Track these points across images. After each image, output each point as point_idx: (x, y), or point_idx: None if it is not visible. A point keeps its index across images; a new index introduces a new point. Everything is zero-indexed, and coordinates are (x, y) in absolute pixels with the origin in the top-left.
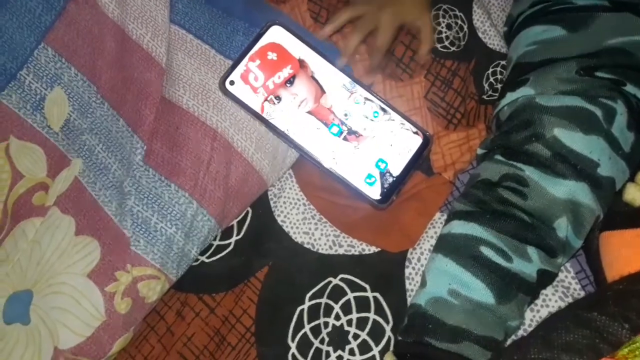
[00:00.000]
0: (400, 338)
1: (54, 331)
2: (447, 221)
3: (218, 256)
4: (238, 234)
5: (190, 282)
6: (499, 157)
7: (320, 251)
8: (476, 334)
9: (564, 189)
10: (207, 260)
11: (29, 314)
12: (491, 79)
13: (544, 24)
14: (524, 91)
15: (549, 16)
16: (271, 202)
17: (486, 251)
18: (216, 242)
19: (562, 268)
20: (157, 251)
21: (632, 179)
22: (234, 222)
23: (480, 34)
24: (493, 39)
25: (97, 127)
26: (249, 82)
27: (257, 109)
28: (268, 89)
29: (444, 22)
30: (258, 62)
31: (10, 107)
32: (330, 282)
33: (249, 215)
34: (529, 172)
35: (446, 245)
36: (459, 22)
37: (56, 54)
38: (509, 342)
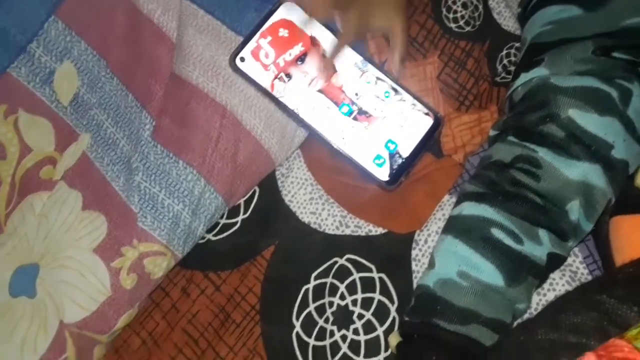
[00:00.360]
0: (407, 318)
1: (60, 305)
2: (458, 202)
3: (224, 234)
4: (245, 213)
5: (196, 259)
6: (512, 138)
7: (327, 231)
8: (485, 316)
9: (577, 170)
10: (213, 238)
11: (35, 287)
12: (505, 61)
13: (560, 3)
14: (539, 72)
15: None
16: (279, 182)
17: (497, 233)
18: (223, 220)
19: (571, 252)
20: (164, 227)
21: None
22: (241, 201)
23: (495, 15)
24: (508, 21)
25: (106, 102)
26: (259, 59)
27: (267, 87)
28: (279, 66)
29: (459, 0)
30: (269, 38)
31: (20, 80)
32: (336, 262)
33: (256, 194)
34: (543, 154)
35: (456, 227)
36: (474, 1)
37: (67, 27)
38: (515, 324)
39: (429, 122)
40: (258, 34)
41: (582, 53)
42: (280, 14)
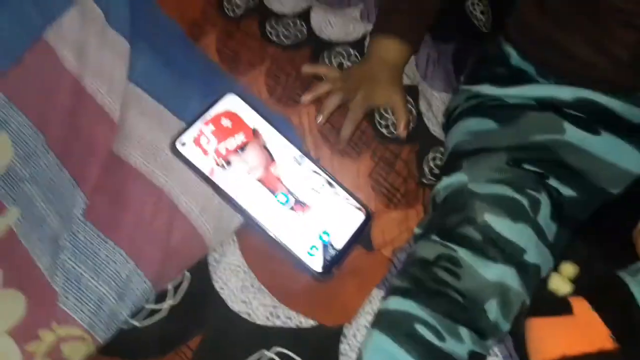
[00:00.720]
0: None
1: None
2: (385, 296)
3: (150, 320)
4: (173, 298)
5: (117, 345)
6: (434, 237)
7: (257, 322)
8: None
9: (493, 271)
10: (138, 325)
11: None
12: (431, 164)
13: (478, 117)
14: (458, 177)
15: (483, 111)
16: (210, 267)
17: (421, 329)
18: (149, 306)
19: (491, 352)
20: (87, 310)
21: (555, 269)
22: (170, 286)
23: (425, 120)
24: (435, 126)
25: (40, 176)
26: (200, 145)
27: (207, 172)
28: (219, 153)
29: (390, 109)
30: (212, 127)
31: None
32: (263, 354)
33: (186, 279)
34: (462, 254)
35: (383, 322)
36: (409, 106)
37: (7, 100)
38: None
39: (361, 216)
40: (201, 121)
41: (496, 163)
42: (224, 104)
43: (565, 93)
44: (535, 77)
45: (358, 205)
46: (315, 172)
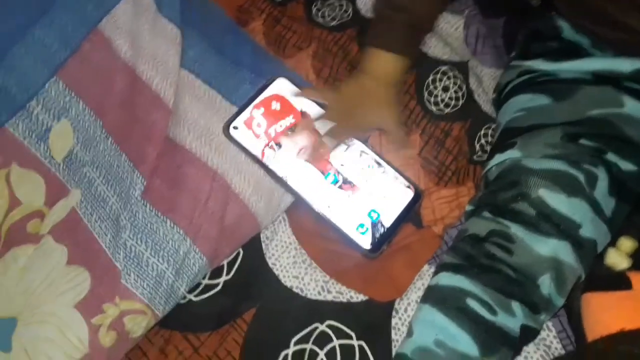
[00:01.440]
0: None
1: None
2: (436, 273)
3: (206, 295)
4: (227, 275)
5: (175, 319)
6: (486, 214)
7: (308, 296)
8: None
9: (547, 247)
10: (194, 299)
11: (11, 341)
12: (482, 141)
13: (531, 92)
14: (512, 153)
15: (535, 86)
16: (263, 245)
17: (472, 304)
18: (205, 281)
19: (545, 327)
20: (147, 286)
21: (613, 244)
22: (225, 262)
23: (475, 97)
24: (486, 104)
25: (99, 160)
26: (251, 128)
27: (258, 154)
28: (270, 136)
29: (440, 84)
30: (262, 110)
31: (16, 136)
32: (316, 327)
33: (240, 256)
34: (515, 230)
35: (434, 296)
36: (459, 81)
37: (67, 88)
38: None
39: (409, 194)
40: (252, 105)
41: (551, 138)
42: (274, 88)
43: (624, 65)
44: (590, 49)
45: (407, 184)
46: (363, 151)
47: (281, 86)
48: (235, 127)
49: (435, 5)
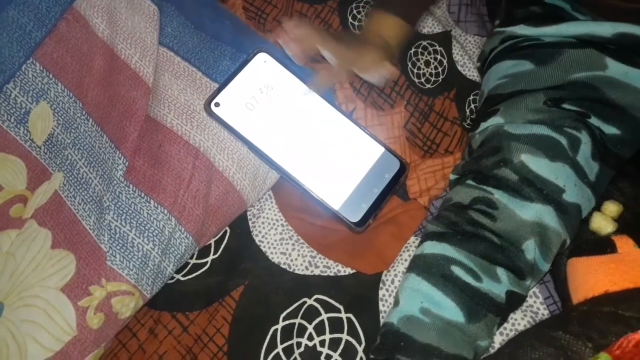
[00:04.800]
0: (372, 356)
1: (23, 345)
2: (421, 242)
3: (194, 275)
4: (215, 253)
5: (164, 299)
6: (470, 181)
7: (296, 271)
8: (446, 352)
9: (531, 211)
10: (182, 279)
11: None
12: (472, 106)
13: (514, 58)
14: (494, 120)
15: (519, 52)
16: (250, 222)
17: (457, 271)
18: (193, 261)
19: (531, 294)
20: (133, 267)
21: (598, 208)
22: (212, 241)
23: (459, 67)
24: (473, 71)
25: (80, 142)
26: (233, 104)
27: (241, 131)
28: (253, 108)
29: (422, 59)
30: (244, 86)
31: None
32: (305, 302)
33: (227, 234)
34: (498, 196)
35: (419, 265)
36: (439, 57)
37: (44, 70)
38: None
39: (395, 167)
40: (233, 80)
41: (534, 103)
42: (255, 63)
43: (605, 29)
44: (572, 13)
45: (392, 156)
46: (347, 125)
47: (262, 61)
48: (216, 104)
49: None
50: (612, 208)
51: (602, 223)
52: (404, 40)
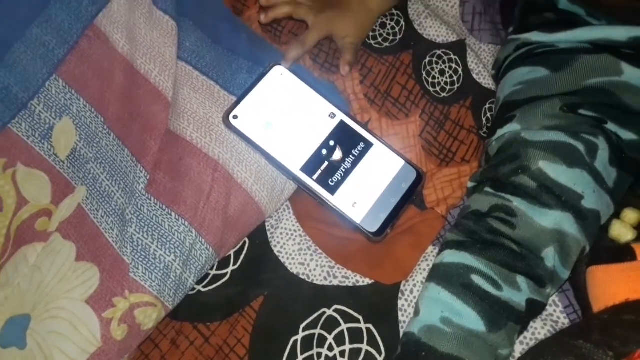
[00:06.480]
0: None
1: (50, 356)
2: (440, 251)
3: (214, 285)
4: (235, 264)
5: (185, 310)
6: (488, 189)
7: (315, 282)
8: None
9: (550, 219)
10: (203, 290)
11: (26, 338)
12: (488, 114)
13: (528, 65)
14: (511, 127)
15: (533, 58)
16: (268, 233)
17: (477, 279)
18: (213, 272)
19: (551, 302)
20: (155, 278)
21: (617, 216)
22: (231, 252)
23: (474, 75)
24: (488, 80)
25: (102, 156)
26: (251, 117)
27: (259, 142)
28: (270, 122)
29: (437, 68)
30: (261, 98)
31: (20, 135)
32: (324, 312)
33: (246, 245)
34: (517, 203)
35: (438, 274)
36: (454, 65)
37: (67, 86)
38: None
39: (412, 177)
40: (250, 93)
41: (550, 109)
42: (271, 76)
43: (620, 33)
44: (586, 18)
45: (409, 166)
46: (364, 136)
47: (279, 73)
48: (235, 117)
49: None
50: (631, 216)
51: (622, 231)
52: (386, 9)
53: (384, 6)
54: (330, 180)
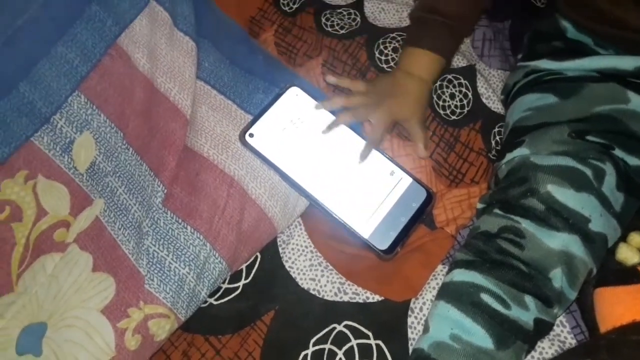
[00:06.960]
0: None
1: None
2: (449, 270)
3: (226, 299)
4: (246, 278)
5: (197, 323)
6: (497, 210)
7: (325, 297)
8: None
9: (557, 240)
10: (215, 303)
11: (41, 346)
12: (497, 137)
13: (537, 92)
14: (520, 151)
15: (542, 85)
16: (280, 248)
17: (486, 298)
18: (225, 285)
19: (559, 322)
20: (169, 290)
21: (623, 239)
22: (243, 267)
23: (484, 99)
24: (497, 104)
25: (121, 170)
26: (266, 136)
27: (274, 160)
28: (284, 141)
29: (447, 91)
30: (276, 118)
31: (41, 148)
32: (334, 328)
33: (258, 260)
34: (525, 225)
35: (448, 292)
36: (464, 89)
37: (88, 101)
38: None
39: (422, 197)
40: (266, 113)
41: (559, 135)
42: (287, 96)
43: (627, 62)
44: (594, 48)
45: (419, 186)
46: (375, 155)
47: (294, 94)
48: (251, 135)
49: (468, 6)
50: (637, 239)
51: (628, 254)
52: (438, 76)
53: (435, 73)
54: (343, 198)
